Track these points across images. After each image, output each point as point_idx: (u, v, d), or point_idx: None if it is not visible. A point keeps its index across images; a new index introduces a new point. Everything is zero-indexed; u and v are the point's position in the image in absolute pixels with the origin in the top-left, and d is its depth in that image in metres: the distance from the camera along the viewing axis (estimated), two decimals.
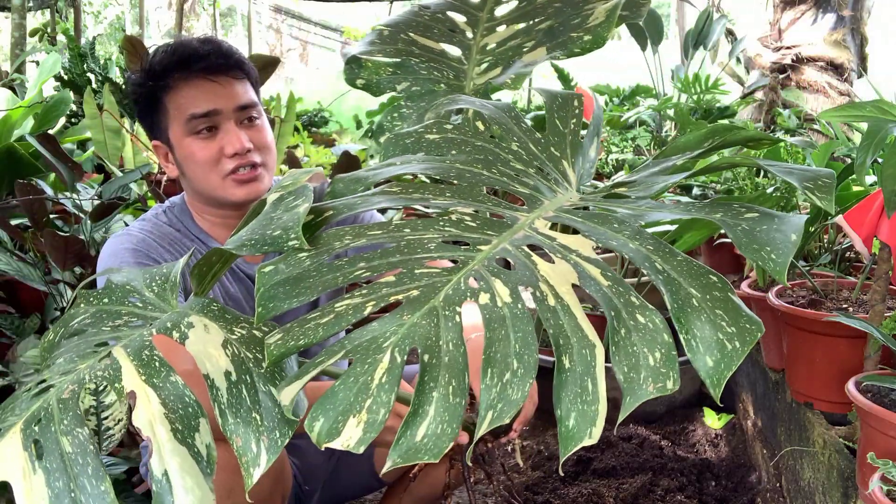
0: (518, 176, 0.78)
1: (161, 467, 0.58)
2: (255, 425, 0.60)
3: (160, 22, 11.17)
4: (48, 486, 0.59)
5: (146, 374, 0.65)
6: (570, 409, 0.53)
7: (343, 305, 0.60)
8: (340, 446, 0.50)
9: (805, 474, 1.36)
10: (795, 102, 4.08)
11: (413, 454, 0.50)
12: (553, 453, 1.85)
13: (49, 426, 0.63)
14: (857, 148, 1.20)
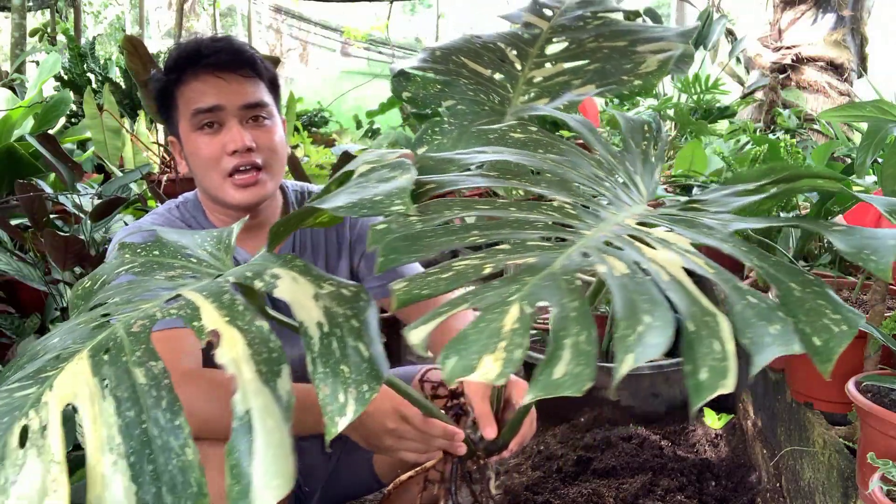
0: (600, 180, 0.83)
1: (244, 406, 0.58)
2: (342, 377, 0.60)
3: (160, 22, 11.17)
4: (118, 415, 0.58)
5: (229, 316, 0.64)
6: (701, 364, 0.55)
7: (463, 265, 0.63)
8: (478, 378, 0.51)
9: (805, 474, 1.36)
10: (795, 102, 4.08)
11: (553, 388, 0.51)
12: (553, 453, 1.85)
13: (120, 356, 0.62)
14: (857, 148, 1.20)
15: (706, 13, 4.42)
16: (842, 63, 4.21)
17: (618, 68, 1.05)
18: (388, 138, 4.45)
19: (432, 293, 0.59)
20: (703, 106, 3.87)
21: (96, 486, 0.55)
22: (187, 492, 0.55)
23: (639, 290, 0.59)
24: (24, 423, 0.56)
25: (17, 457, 0.54)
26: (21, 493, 0.52)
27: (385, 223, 0.67)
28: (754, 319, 0.57)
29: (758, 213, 0.75)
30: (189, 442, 0.57)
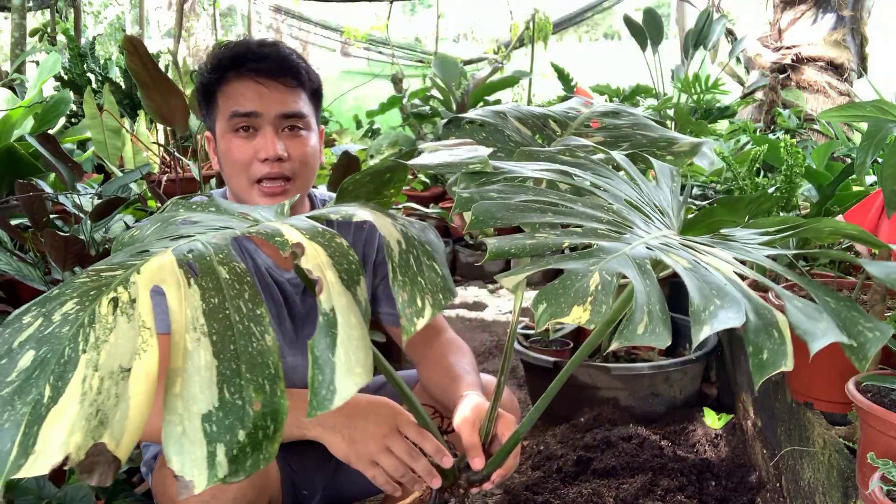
0: (642, 202, 0.92)
1: (329, 303, 0.61)
2: (419, 286, 0.66)
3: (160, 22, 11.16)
4: (202, 300, 0.62)
5: (309, 234, 0.68)
6: (762, 347, 0.62)
7: (544, 235, 0.71)
8: (570, 321, 0.59)
9: (805, 474, 1.36)
10: (795, 102, 4.08)
11: (637, 339, 0.59)
12: (553, 453, 1.85)
13: (204, 256, 0.66)
14: (857, 148, 1.20)
15: (706, 13, 4.41)
16: (842, 63, 4.21)
17: (652, 145, 1.18)
18: (388, 138, 4.45)
19: (517, 253, 0.68)
20: (703, 106, 3.87)
21: (178, 359, 0.58)
22: (265, 372, 0.58)
23: (705, 279, 0.68)
24: (113, 296, 0.59)
25: (107, 321, 0.57)
26: (112, 350, 0.56)
27: (468, 192, 0.75)
28: (804, 317, 0.66)
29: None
30: (269, 329, 0.61)
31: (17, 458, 0.50)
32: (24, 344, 0.55)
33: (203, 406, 0.56)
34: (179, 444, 0.54)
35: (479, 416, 1.05)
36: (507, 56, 6.05)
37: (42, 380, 0.53)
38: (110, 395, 0.54)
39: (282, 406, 0.57)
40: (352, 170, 2.02)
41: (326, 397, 0.57)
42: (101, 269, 0.63)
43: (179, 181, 2.33)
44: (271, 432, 0.56)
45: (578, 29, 12.97)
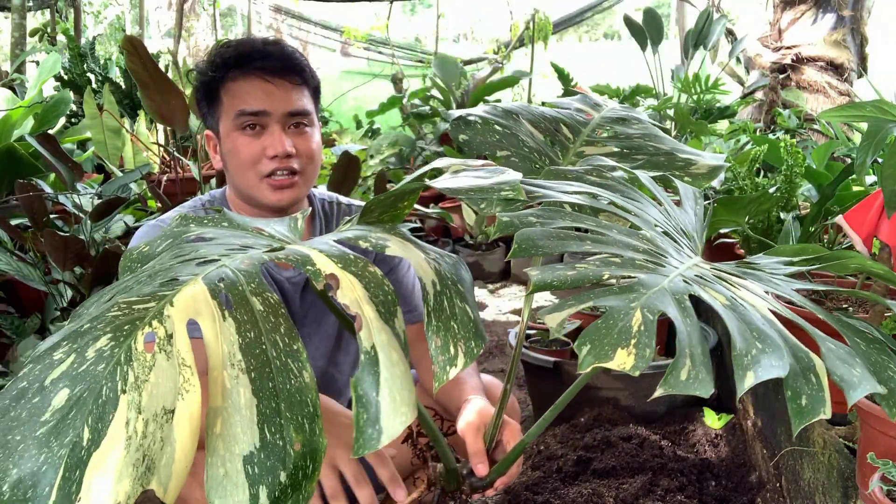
0: (666, 231, 0.92)
1: (370, 341, 0.61)
2: (452, 332, 0.66)
3: (160, 22, 11.16)
4: (238, 334, 0.60)
5: (341, 263, 0.67)
6: (800, 391, 0.63)
7: (584, 266, 0.71)
8: (615, 366, 0.58)
9: (805, 474, 1.36)
10: (795, 102, 4.08)
11: (682, 387, 0.59)
12: (553, 453, 1.85)
13: (236, 286, 0.65)
14: (857, 148, 1.20)
15: (706, 13, 4.41)
16: (842, 63, 4.21)
17: (670, 164, 1.16)
18: (388, 138, 4.45)
19: (559, 285, 0.68)
20: (703, 106, 3.87)
21: (217, 397, 0.57)
22: (304, 410, 0.57)
23: (744, 318, 0.67)
24: (149, 331, 0.57)
25: (145, 359, 0.55)
26: (154, 391, 0.54)
27: (509, 217, 0.74)
28: (838, 362, 0.66)
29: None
30: (306, 366, 0.60)
31: (59, 501, 0.48)
32: (56, 381, 0.53)
33: (245, 447, 0.55)
34: (222, 486, 0.54)
35: (484, 421, 1.05)
36: (507, 56, 6.05)
37: (79, 420, 0.51)
38: (156, 438, 0.52)
39: (321, 445, 0.57)
40: (352, 170, 2.02)
41: (373, 436, 0.57)
42: (132, 301, 0.61)
43: (179, 181, 2.33)
44: (310, 472, 0.56)
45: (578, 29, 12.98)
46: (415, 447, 1.07)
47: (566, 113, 1.26)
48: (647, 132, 1.23)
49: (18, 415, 0.52)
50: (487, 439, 1.03)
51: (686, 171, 1.14)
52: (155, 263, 0.74)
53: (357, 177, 2.05)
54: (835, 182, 1.67)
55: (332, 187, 2.00)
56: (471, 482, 1.01)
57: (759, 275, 0.82)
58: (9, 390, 0.53)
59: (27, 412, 0.52)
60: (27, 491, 0.49)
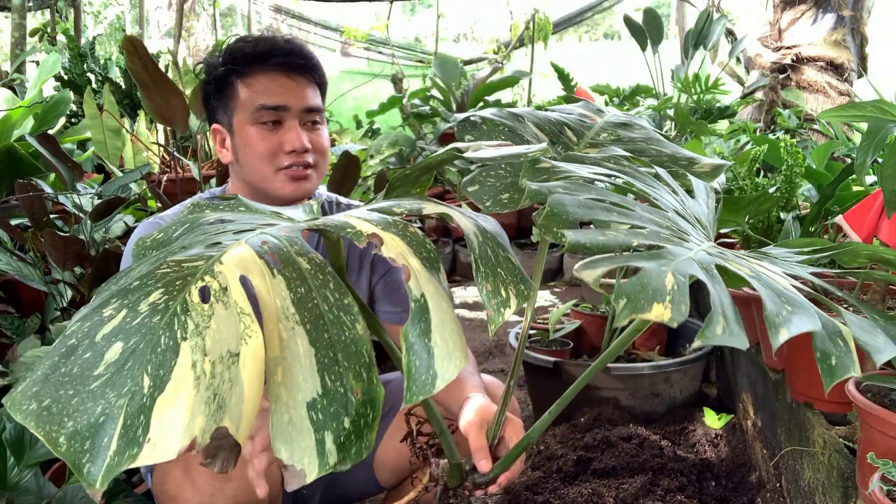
0: (684, 216, 0.93)
1: (419, 290, 0.62)
2: (500, 277, 0.66)
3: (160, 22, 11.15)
4: (290, 290, 0.61)
5: (382, 225, 0.68)
6: (830, 353, 0.63)
7: (613, 233, 0.71)
8: (653, 317, 0.59)
9: (805, 474, 1.36)
10: (795, 102, 4.08)
11: (717, 339, 0.59)
12: (553, 453, 1.85)
13: (280, 248, 0.65)
14: (857, 148, 1.20)
15: (706, 13, 4.41)
16: (842, 63, 4.21)
17: (673, 163, 1.17)
18: (388, 138, 4.45)
19: (592, 248, 0.68)
20: (703, 106, 3.88)
21: (274, 348, 0.57)
22: (361, 360, 0.58)
23: (770, 286, 0.68)
24: (203, 286, 0.58)
25: (202, 309, 0.56)
26: (216, 336, 0.54)
27: (538, 186, 0.75)
28: (862, 331, 0.68)
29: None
30: (359, 318, 0.61)
31: (120, 450, 0.48)
32: (108, 336, 0.53)
33: (307, 394, 0.56)
34: (287, 433, 0.54)
35: (486, 418, 1.05)
36: (507, 56, 6.05)
37: (137, 370, 0.51)
38: (224, 379, 0.53)
39: (378, 394, 0.57)
40: (352, 170, 2.02)
41: (427, 381, 0.57)
42: (179, 259, 0.62)
43: (179, 181, 2.33)
44: (370, 420, 0.56)
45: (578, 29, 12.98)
46: (414, 445, 1.07)
47: (570, 117, 1.28)
48: (649, 136, 1.25)
49: (69, 370, 0.52)
50: (490, 435, 1.03)
51: (689, 170, 1.15)
52: (181, 242, 0.74)
53: (357, 177, 2.05)
54: (835, 182, 1.67)
55: (332, 187, 2.00)
56: (473, 478, 1.01)
57: (774, 260, 0.84)
58: (57, 348, 0.53)
59: (79, 367, 0.52)
60: (84, 442, 0.49)
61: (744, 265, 0.73)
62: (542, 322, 2.41)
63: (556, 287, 3.92)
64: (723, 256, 0.75)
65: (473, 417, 1.05)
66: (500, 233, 0.75)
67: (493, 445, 1.04)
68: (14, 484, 1.13)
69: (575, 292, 3.64)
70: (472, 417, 1.05)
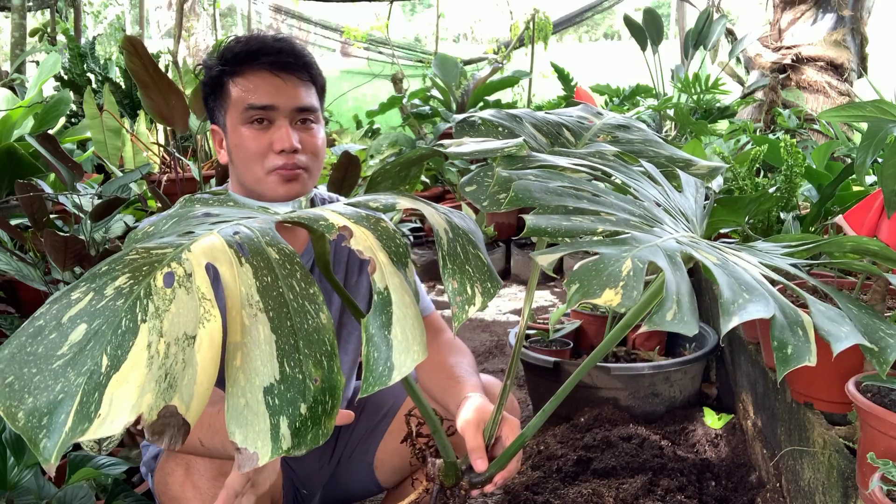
0: (665, 208, 0.94)
1: (383, 282, 0.63)
2: (468, 274, 0.68)
3: (160, 22, 11.16)
4: (255, 278, 0.62)
5: (353, 218, 0.69)
6: (787, 342, 0.64)
7: (579, 219, 0.72)
8: (602, 302, 0.60)
9: (805, 474, 1.36)
10: (795, 102, 4.08)
11: (667, 326, 0.60)
12: (553, 453, 1.85)
13: (251, 238, 0.67)
14: (857, 148, 1.20)
15: (706, 13, 4.41)
16: (842, 63, 4.21)
17: (671, 164, 1.17)
18: (388, 138, 4.45)
19: (553, 232, 0.69)
20: (703, 106, 3.88)
21: (236, 334, 0.58)
22: (322, 349, 0.59)
23: (734, 275, 0.69)
24: (168, 271, 0.59)
25: (165, 293, 0.57)
26: (175, 319, 0.56)
27: (508, 173, 0.76)
28: (827, 320, 0.68)
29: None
30: (323, 308, 0.62)
31: (74, 425, 0.50)
32: (74, 318, 0.55)
33: (265, 379, 0.56)
34: (243, 416, 0.55)
35: (483, 417, 1.05)
36: (507, 56, 6.05)
37: (98, 350, 0.53)
38: (177, 360, 0.54)
39: (339, 382, 0.58)
40: (352, 170, 2.02)
41: (384, 374, 0.58)
42: (149, 246, 0.63)
43: (179, 181, 2.33)
44: (329, 408, 0.57)
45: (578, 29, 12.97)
46: (413, 446, 1.07)
47: (568, 119, 1.28)
48: (647, 138, 1.26)
49: (35, 350, 0.53)
50: (487, 435, 1.03)
51: (686, 171, 1.16)
52: (164, 235, 0.76)
53: (357, 177, 2.05)
54: (835, 182, 1.67)
55: (332, 187, 2.00)
56: (469, 478, 1.01)
57: (756, 252, 0.84)
58: (25, 329, 0.55)
59: (44, 347, 0.53)
60: (42, 418, 0.50)
61: (713, 254, 0.74)
62: (543, 322, 2.41)
63: (556, 287, 3.92)
64: (694, 245, 0.76)
65: (470, 417, 1.05)
66: (472, 230, 0.76)
67: (490, 445, 1.04)
68: (14, 484, 1.13)
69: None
70: (470, 417, 1.05)
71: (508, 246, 4.22)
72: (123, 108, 3.41)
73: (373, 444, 1.37)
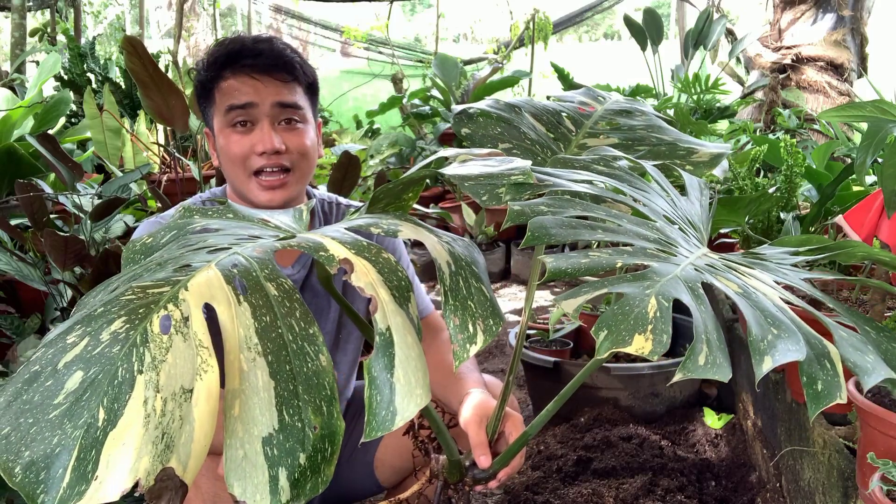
0: (676, 216, 0.93)
1: (385, 323, 0.61)
2: (470, 311, 0.66)
3: (160, 22, 11.16)
4: (254, 318, 0.60)
5: (355, 249, 0.67)
6: (816, 377, 0.62)
7: (597, 254, 0.71)
8: (633, 351, 0.59)
9: (805, 474, 1.36)
10: (795, 102, 4.08)
11: (700, 372, 0.59)
12: (553, 453, 1.85)
13: (250, 272, 0.65)
14: (857, 148, 1.20)
15: (706, 13, 4.41)
16: (842, 63, 4.21)
17: (672, 153, 1.15)
18: (388, 138, 4.45)
19: (574, 272, 0.68)
20: (703, 106, 3.88)
21: (234, 380, 0.57)
22: (322, 393, 0.57)
23: (758, 306, 0.68)
24: (164, 314, 0.57)
25: (161, 341, 0.55)
26: (172, 371, 0.54)
27: (519, 206, 0.74)
28: (851, 349, 0.66)
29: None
30: (323, 349, 0.60)
31: (72, 483, 0.48)
32: (70, 364, 0.53)
33: (263, 429, 0.55)
34: (241, 468, 0.53)
35: (486, 413, 1.05)
36: (507, 56, 6.05)
37: (94, 402, 0.51)
38: (174, 417, 0.52)
39: (338, 428, 0.56)
40: (352, 170, 2.02)
41: (387, 418, 0.57)
42: (146, 285, 0.61)
43: (179, 181, 2.33)
44: (329, 455, 0.56)
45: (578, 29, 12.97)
46: (416, 440, 1.07)
47: (569, 106, 1.26)
48: (650, 123, 1.23)
49: (31, 398, 0.51)
50: (490, 431, 1.03)
51: (687, 160, 1.13)
52: (163, 253, 0.74)
53: (357, 177, 2.05)
54: (835, 182, 1.67)
55: (332, 187, 2.00)
56: (473, 474, 1.01)
57: (767, 265, 0.83)
58: (21, 374, 0.53)
59: (39, 395, 0.52)
60: (40, 473, 0.48)
61: (732, 280, 0.72)
62: (543, 322, 2.41)
63: (556, 287, 3.92)
64: (712, 269, 0.74)
65: (473, 413, 1.05)
66: (475, 260, 0.74)
67: (493, 441, 1.04)
68: None
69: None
70: (472, 413, 1.05)
71: (508, 246, 4.22)
72: (123, 108, 3.41)
73: (373, 443, 1.37)
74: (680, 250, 0.79)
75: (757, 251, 0.90)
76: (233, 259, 0.66)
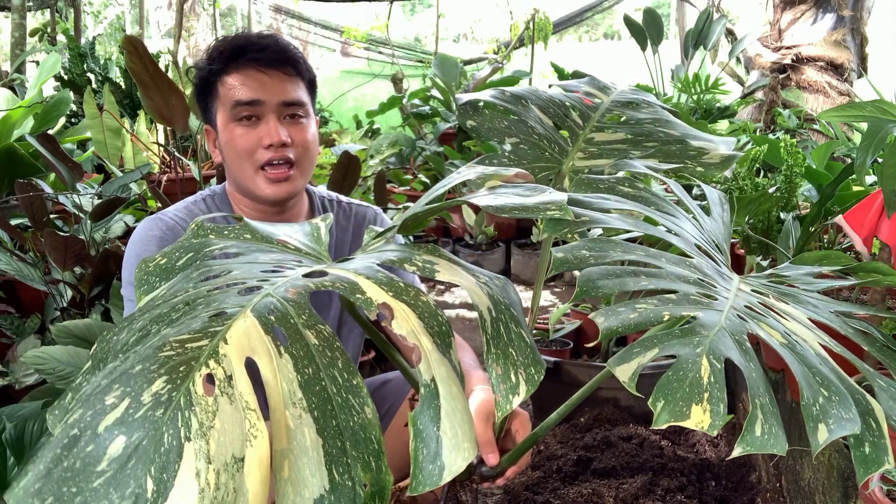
0: (702, 239, 0.92)
1: (429, 374, 0.60)
2: (511, 359, 0.64)
3: (160, 22, 11.16)
4: (297, 371, 0.58)
5: (393, 292, 0.65)
6: (863, 439, 0.63)
7: (643, 307, 0.70)
8: (692, 426, 0.58)
9: (805, 474, 1.36)
10: (795, 102, 4.08)
11: (759, 446, 0.61)
12: (553, 453, 1.85)
13: (287, 318, 0.62)
14: (857, 148, 1.20)
15: (706, 13, 4.42)
16: (842, 63, 4.21)
17: (682, 153, 1.13)
18: (388, 138, 4.45)
19: (625, 329, 0.67)
20: (704, 106, 3.88)
21: (282, 439, 0.55)
22: (370, 448, 0.56)
23: (805, 361, 0.67)
24: (207, 372, 0.55)
25: (207, 404, 0.53)
26: (221, 438, 0.52)
27: (563, 253, 0.73)
28: (893, 403, 0.67)
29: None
30: (368, 400, 0.58)
31: None
32: (111, 428, 0.50)
33: (315, 490, 0.53)
34: None
35: (491, 410, 1.04)
36: (507, 56, 6.05)
37: (141, 470, 0.48)
38: (228, 490, 0.50)
39: (388, 483, 0.55)
40: (352, 170, 2.02)
41: (434, 472, 0.55)
42: (183, 339, 0.59)
43: (179, 181, 2.34)
44: None
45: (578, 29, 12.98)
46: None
47: (575, 97, 1.24)
48: (657, 117, 1.21)
49: (72, 464, 0.49)
50: (496, 429, 1.02)
51: (699, 161, 1.12)
52: (182, 283, 0.71)
53: (357, 177, 2.05)
54: (835, 182, 1.67)
55: (332, 187, 2.00)
56: (481, 471, 1.00)
57: (798, 296, 0.82)
58: (60, 438, 0.51)
59: (81, 461, 0.49)
60: None
61: (774, 327, 0.71)
62: (543, 322, 2.41)
63: (556, 287, 3.92)
64: (752, 313, 0.73)
65: (479, 410, 1.04)
66: (513, 301, 0.72)
67: (499, 438, 1.03)
68: (8, 483, 1.13)
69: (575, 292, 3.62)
70: (478, 410, 1.04)
71: (508, 246, 4.22)
72: (123, 108, 3.42)
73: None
74: (719, 290, 0.78)
75: (781, 273, 0.89)
76: (268, 303, 0.64)
